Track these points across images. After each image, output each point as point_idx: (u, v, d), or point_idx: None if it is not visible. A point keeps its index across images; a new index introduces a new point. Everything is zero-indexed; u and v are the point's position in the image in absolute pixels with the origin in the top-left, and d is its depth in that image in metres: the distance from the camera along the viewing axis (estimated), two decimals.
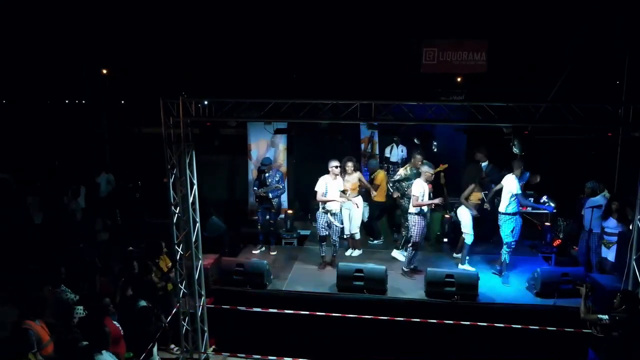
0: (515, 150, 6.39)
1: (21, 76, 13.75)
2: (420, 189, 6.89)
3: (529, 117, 5.52)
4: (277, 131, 7.39)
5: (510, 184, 6.89)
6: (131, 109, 15.71)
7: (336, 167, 7.30)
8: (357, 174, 7.91)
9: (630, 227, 7.20)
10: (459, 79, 13.59)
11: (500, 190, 7.06)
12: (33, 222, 9.71)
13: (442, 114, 5.90)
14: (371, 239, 8.81)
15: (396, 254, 7.92)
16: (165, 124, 6.06)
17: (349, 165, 7.72)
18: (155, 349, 5.72)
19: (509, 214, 6.92)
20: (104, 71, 14.15)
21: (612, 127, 5.78)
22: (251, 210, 10.11)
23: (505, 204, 6.93)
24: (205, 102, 6.05)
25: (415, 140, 6.58)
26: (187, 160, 6.22)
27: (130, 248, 6.62)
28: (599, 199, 7.65)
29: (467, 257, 7.43)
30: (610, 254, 7.52)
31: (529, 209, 8.53)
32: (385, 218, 9.04)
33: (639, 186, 5.79)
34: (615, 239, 7.40)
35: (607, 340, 5.01)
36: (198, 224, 6.50)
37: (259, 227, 8.37)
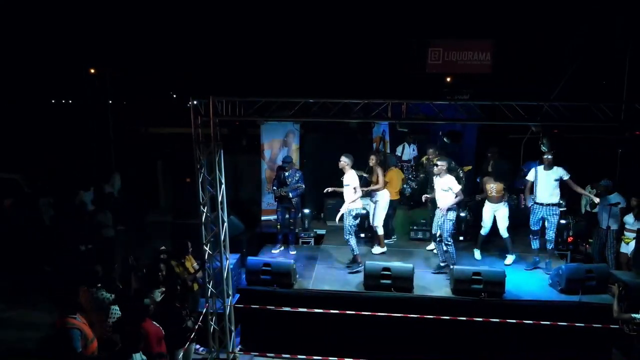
0: (544, 148, 6.49)
1: (23, 77, 13.58)
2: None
3: (559, 116, 5.62)
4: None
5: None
6: (136, 109, 15.58)
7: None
8: (379, 169, 7.97)
9: None
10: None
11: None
12: (44, 223, 9.59)
13: (473, 114, 5.97)
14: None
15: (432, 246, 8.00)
16: (194, 123, 6.05)
17: (372, 159, 7.86)
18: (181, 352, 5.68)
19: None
20: (93, 71, 13.98)
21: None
22: (265, 210, 10.09)
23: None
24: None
25: (445, 140, 6.61)
26: (217, 160, 6.21)
27: (163, 247, 6.57)
28: (615, 197, 7.81)
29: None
30: (628, 250, 7.67)
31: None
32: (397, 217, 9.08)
33: None
34: (634, 235, 7.55)
35: (638, 339, 5.07)
36: (226, 224, 6.50)
37: (278, 226, 8.36)
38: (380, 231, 8.10)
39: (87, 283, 5.47)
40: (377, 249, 8.11)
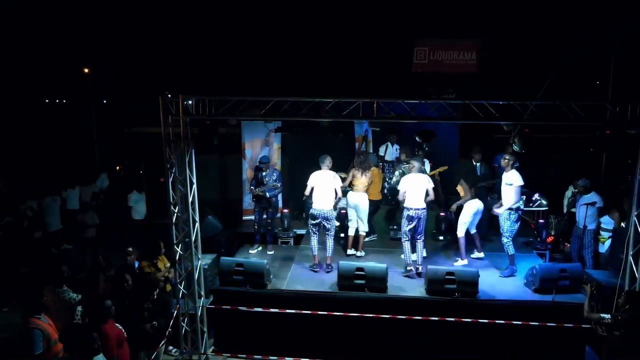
0: (516, 147, 6.46)
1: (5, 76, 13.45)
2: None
3: (530, 115, 5.60)
4: (279, 129, 7.32)
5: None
6: (118, 108, 15.47)
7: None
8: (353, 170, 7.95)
9: (622, 224, 7.39)
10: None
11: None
12: (22, 225, 9.52)
13: (444, 112, 5.94)
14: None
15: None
16: (164, 122, 5.99)
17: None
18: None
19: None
20: (86, 70, 13.87)
21: (610, 125, 5.95)
22: (246, 209, 10.05)
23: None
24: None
25: (417, 139, 6.58)
26: (187, 159, 6.15)
27: (130, 249, 6.50)
28: (592, 196, 7.79)
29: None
30: (603, 249, 7.67)
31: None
32: (378, 215, 9.06)
33: (635, 182, 5.93)
34: (609, 234, 7.54)
35: (608, 339, 5.04)
36: (197, 224, 6.44)
37: (255, 226, 8.30)
38: (352, 232, 8.06)
39: (53, 283, 5.40)
40: (352, 251, 8.09)
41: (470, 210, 7.41)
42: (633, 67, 11.08)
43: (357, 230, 8.00)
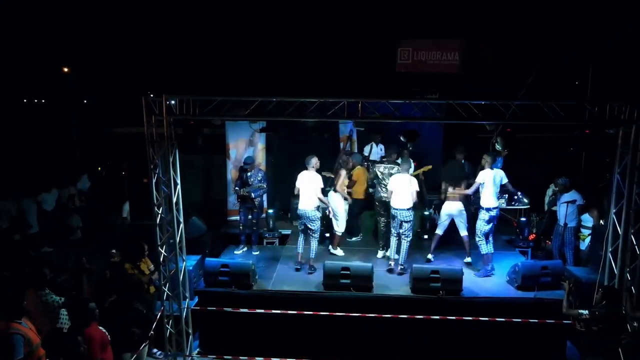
0: (498, 147, 6.55)
1: None
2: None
3: (512, 115, 5.69)
4: (263, 130, 7.30)
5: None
6: (100, 108, 15.22)
7: None
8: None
9: (602, 222, 7.57)
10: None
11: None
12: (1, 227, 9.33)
13: (428, 112, 5.99)
14: (349, 236, 8.84)
15: (382, 253, 7.96)
16: (147, 122, 5.93)
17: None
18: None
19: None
20: (65, 69, 13.61)
21: (589, 125, 6.07)
22: (230, 210, 10.00)
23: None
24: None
25: (401, 139, 6.62)
26: (171, 160, 6.09)
27: (113, 250, 6.42)
28: (572, 194, 7.95)
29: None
30: (583, 246, 7.82)
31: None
32: (364, 215, 9.10)
33: (613, 181, 6.07)
34: (589, 232, 7.69)
35: (586, 334, 5.14)
36: (182, 225, 6.39)
37: (241, 227, 8.27)
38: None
39: (35, 286, 5.29)
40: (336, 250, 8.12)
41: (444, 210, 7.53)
42: (612, 68, 11.33)
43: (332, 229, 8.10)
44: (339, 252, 8.03)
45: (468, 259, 7.65)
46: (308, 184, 7.21)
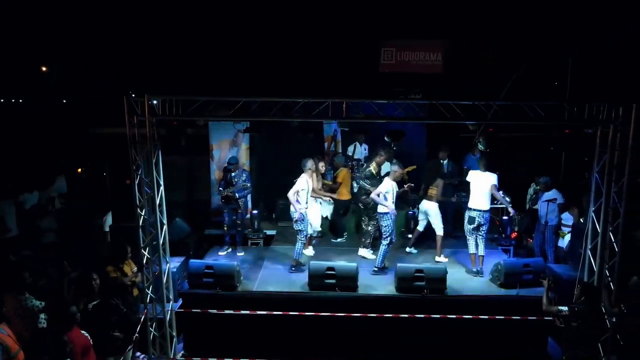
0: (481, 146, 6.63)
1: None
2: (388, 187, 7.01)
3: (494, 114, 5.76)
4: (247, 130, 7.26)
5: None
6: (80, 108, 14.93)
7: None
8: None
9: (581, 220, 7.71)
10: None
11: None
12: None
13: (411, 112, 6.03)
14: (334, 236, 8.85)
15: (364, 252, 7.98)
16: (129, 123, 5.84)
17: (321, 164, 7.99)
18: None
19: None
20: (43, 68, 13.31)
21: (568, 125, 6.21)
22: (214, 211, 9.92)
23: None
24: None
25: (386, 139, 6.66)
26: (154, 161, 6.02)
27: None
28: (553, 193, 8.09)
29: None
30: (563, 244, 7.97)
31: None
32: (349, 216, 9.12)
33: (592, 180, 6.19)
34: (569, 229, 7.84)
35: (566, 330, 5.24)
36: (165, 226, 6.31)
37: (225, 228, 8.21)
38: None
39: (14, 290, 5.17)
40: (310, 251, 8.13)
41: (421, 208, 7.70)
42: (591, 68, 11.52)
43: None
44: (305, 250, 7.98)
45: (440, 259, 7.74)
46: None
